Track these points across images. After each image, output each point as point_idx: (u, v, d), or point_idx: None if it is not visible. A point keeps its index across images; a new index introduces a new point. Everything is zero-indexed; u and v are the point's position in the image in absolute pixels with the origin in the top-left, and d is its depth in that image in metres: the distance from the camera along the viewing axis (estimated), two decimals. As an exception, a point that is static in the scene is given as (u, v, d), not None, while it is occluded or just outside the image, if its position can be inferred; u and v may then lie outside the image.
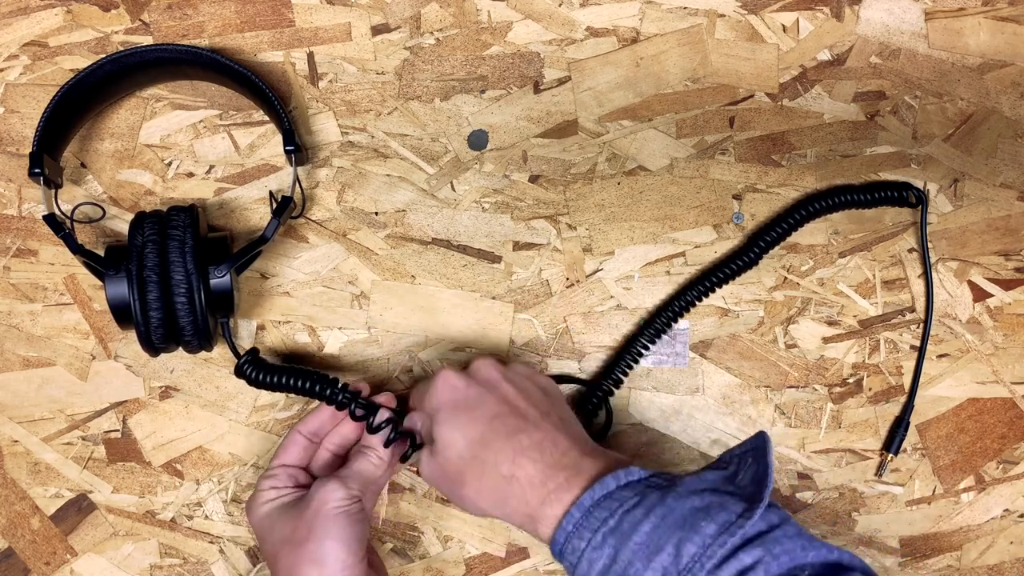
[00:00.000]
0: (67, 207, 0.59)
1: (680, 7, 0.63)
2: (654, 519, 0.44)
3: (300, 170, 0.60)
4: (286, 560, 0.49)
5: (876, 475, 0.63)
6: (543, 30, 0.62)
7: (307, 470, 0.55)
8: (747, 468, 0.47)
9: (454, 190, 0.62)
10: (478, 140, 0.62)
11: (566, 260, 0.62)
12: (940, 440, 0.63)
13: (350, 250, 0.61)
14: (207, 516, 0.60)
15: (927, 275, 0.63)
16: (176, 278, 0.52)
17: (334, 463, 0.56)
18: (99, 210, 0.59)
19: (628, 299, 0.62)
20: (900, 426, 0.62)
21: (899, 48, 0.63)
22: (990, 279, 0.63)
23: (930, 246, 0.63)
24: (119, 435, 0.60)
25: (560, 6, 0.62)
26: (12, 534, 0.60)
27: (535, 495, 0.47)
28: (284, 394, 0.59)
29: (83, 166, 0.60)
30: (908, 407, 0.62)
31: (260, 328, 0.61)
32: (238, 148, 0.61)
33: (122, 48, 0.59)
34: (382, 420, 0.53)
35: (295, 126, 0.58)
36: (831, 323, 0.63)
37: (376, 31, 0.61)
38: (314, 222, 0.61)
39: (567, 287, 0.62)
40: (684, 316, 0.61)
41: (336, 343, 0.61)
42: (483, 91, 0.62)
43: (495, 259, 0.62)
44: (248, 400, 0.60)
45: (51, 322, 0.60)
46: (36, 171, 0.53)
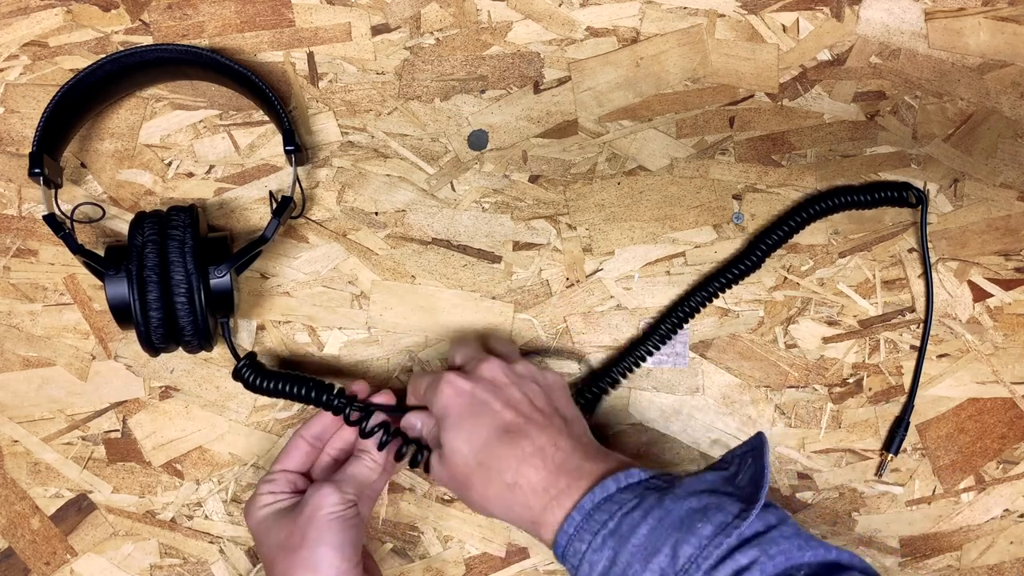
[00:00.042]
0: (67, 207, 0.59)
1: (680, 7, 0.62)
2: (652, 521, 0.44)
3: (300, 170, 0.60)
4: (281, 566, 0.49)
5: (876, 475, 0.63)
6: (543, 30, 0.62)
7: (308, 475, 0.55)
8: (747, 469, 0.47)
9: (454, 190, 0.62)
10: (478, 140, 0.62)
11: (566, 260, 0.62)
12: (940, 440, 0.63)
13: (350, 250, 0.61)
14: (207, 516, 0.60)
15: (927, 275, 0.63)
16: (176, 278, 0.52)
17: (335, 468, 0.56)
18: (99, 210, 0.59)
19: (628, 299, 0.62)
20: (900, 426, 0.62)
21: (899, 48, 0.63)
22: (990, 279, 0.63)
23: (930, 246, 0.63)
24: (119, 435, 0.60)
25: (560, 6, 0.62)
26: (12, 534, 0.60)
27: (538, 501, 0.48)
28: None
29: (83, 166, 0.60)
30: (908, 407, 0.62)
31: (260, 328, 0.61)
32: (238, 148, 0.61)
33: (122, 48, 0.59)
34: (375, 424, 0.53)
35: (295, 126, 0.58)
36: (831, 323, 0.63)
37: (376, 31, 0.61)
38: (314, 222, 0.61)
39: (567, 287, 0.62)
40: (687, 323, 0.61)
41: (336, 343, 0.61)
42: (483, 91, 0.62)
43: (495, 259, 0.62)
44: (248, 400, 0.60)
45: (51, 322, 0.60)
46: (36, 171, 0.53)
